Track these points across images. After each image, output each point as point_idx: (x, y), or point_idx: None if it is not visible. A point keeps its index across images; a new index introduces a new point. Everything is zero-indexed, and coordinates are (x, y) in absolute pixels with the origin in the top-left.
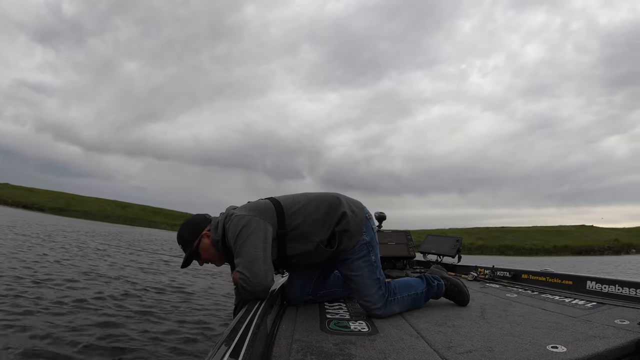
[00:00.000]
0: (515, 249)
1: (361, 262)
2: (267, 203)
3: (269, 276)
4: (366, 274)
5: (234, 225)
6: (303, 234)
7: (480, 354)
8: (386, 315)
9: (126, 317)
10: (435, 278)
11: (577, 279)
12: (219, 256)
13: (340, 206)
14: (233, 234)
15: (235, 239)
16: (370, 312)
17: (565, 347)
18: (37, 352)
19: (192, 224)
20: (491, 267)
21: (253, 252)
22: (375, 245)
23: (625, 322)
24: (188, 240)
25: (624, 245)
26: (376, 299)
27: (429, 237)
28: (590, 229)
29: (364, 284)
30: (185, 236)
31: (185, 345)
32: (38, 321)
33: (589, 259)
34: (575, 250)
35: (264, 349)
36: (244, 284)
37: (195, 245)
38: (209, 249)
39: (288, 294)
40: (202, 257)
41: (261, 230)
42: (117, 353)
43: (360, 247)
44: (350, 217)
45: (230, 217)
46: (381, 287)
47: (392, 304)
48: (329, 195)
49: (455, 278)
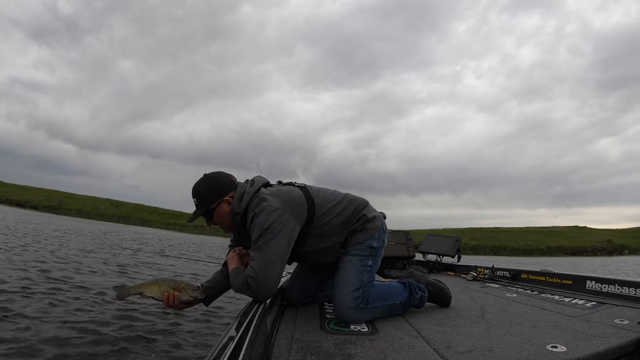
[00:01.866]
0: (509, 249)
1: (356, 259)
2: (301, 197)
3: (277, 283)
4: (352, 272)
5: (265, 215)
6: (325, 233)
7: (480, 353)
8: (353, 320)
9: (125, 317)
10: (420, 288)
11: (576, 278)
12: (232, 226)
13: (364, 210)
14: (261, 224)
15: (262, 232)
16: (339, 313)
17: (565, 346)
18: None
19: (215, 183)
20: (491, 267)
21: (274, 254)
22: (379, 254)
23: (625, 322)
24: (206, 200)
25: (617, 246)
26: (348, 300)
27: (428, 237)
28: (583, 229)
29: (344, 280)
30: (203, 194)
31: (185, 345)
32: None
33: (582, 260)
34: (568, 250)
35: (263, 349)
36: (251, 282)
37: (212, 208)
38: (225, 217)
39: (288, 294)
40: (214, 221)
41: (289, 230)
42: (115, 353)
43: (363, 247)
44: (370, 220)
45: (261, 202)
46: (358, 291)
47: (362, 312)
48: (357, 198)
49: (436, 281)
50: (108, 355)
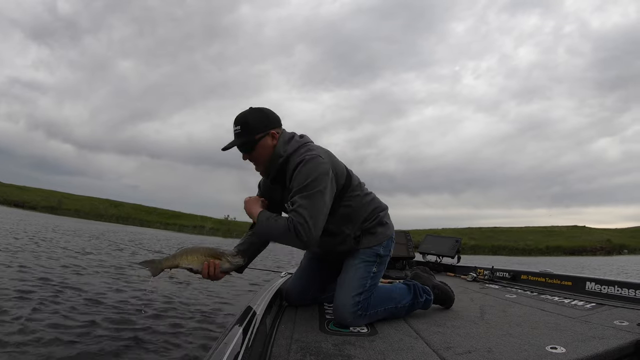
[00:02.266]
0: (508, 249)
1: (362, 264)
2: (344, 168)
3: (319, 236)
4: (356, 276)
5: (315, 164)
6: (347, 216)
7: (480, 354)
8: (351, 324)
9: (125, 317)
10: (425, 291)
11: (576, 279)
12: (269, 165)
13: (382, 212)
14: (311, 172)
15: (312, 181)
16: (338, 315)
17: (565, 347)
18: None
19: (264, 115)
20: (490, 268)
21: (323, 206)
22: (384, 263)
23: (625, 323)
24: (252, 127)
25: (616, 245)
26: (349, 304)
27: (428, 237)
28: (582, 229)
29: (347, 283)
30: (250, 122)
31: (184, 345)
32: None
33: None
34: (567, 250)
35: (263, 349)
36: (301, 229)
37: (257, 139)
38: (267, 150)
39: (288, 295)
40: (254, 154)
41: (332, 189)
42: (115, 354)
43: (370, 253)
44: (383, 224)
45: (310, 151)
46: (360, 296)
47: (361, 318)
48: (380, 201)
49: (441, 283)
50: (108, 356)
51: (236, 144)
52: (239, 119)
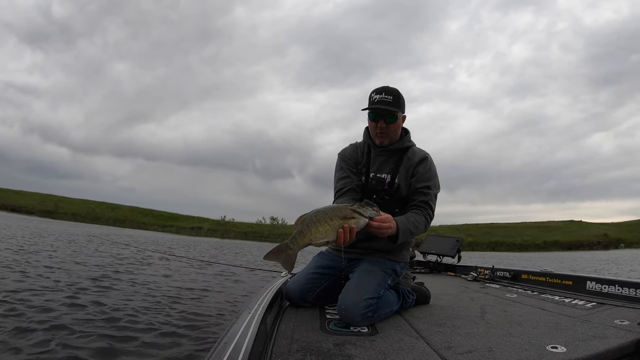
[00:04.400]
0: (505, 245)
1: (380, 272)
2: None
3: None
4: (375, 281)
5: (431, 163)
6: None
7: (480, 354)
8: (357, 324)
9: (124, 317)
10: (410, 292)
11: (577, 279)
12: (395, 139)
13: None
14: (435, 170)
15: (436, 180)
16: (346, 314)
17: (565, 347)
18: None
19: (404, 99)
20: (491, 267)
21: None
22: (394, 281)
23: (625, 323)
24: (402, 104)
25: (613, 240)
26: (362, 305)
27: (429, 237)
28: (579, 224)
29: (364, 285)
30: (401, 99)
31: (185, 345)
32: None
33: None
34: (564, 245)
35: (263, 349)
36: (429, 219)
37: (400, 114)
38: (399, 129)
39: (290, 294)
40: (392, 126)
41: None
42: (114, 354)
43: (389, 265)
44: (409, 248)
45: (422, 151)
46: (373, 300)
47: (368, 320)
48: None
49: (416, 284)
50: (108, 356)
51: (387, 109)
52: (392, 91)
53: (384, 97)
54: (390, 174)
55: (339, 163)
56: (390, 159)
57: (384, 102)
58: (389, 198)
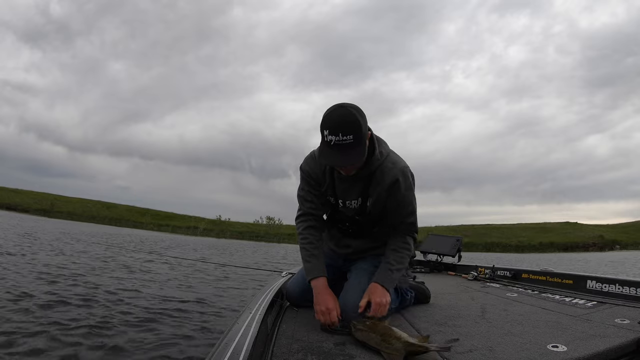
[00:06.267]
0: (501, 246)
1: (374, 270)
2: None
3: None
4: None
5: (405, 181)
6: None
7: (481, 353)
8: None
9: (124, 318)
10: (408, 290)
11: (577, 278)
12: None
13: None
14: (407, 188)
15: (408, 195)
16: (348, 315)
17: (566, 346)
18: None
19: (362, 112)
20: (491, 267)
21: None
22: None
23: (626, 321)
24: (364, 129)
25: (609, 241)
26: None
27: (429, 237)
28: (574, 225)
29: (362, 285)
30: (362, 124)
31: (185, 345)
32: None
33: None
34: (560, 246)
35: (264, 349)
36: (414, 241)
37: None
38: (364, 156)
39: (290, 295)
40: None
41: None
42: (114, 354)
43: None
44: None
45: (403, 162)
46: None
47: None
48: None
49: (416, 283)
50: (108, 356)
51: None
52: (349, 125)
53: (343, 140)
54: (360, 197)
55: (303, 181)
56: (357, 182)
57: (344, 146)
58: (362, 221)
